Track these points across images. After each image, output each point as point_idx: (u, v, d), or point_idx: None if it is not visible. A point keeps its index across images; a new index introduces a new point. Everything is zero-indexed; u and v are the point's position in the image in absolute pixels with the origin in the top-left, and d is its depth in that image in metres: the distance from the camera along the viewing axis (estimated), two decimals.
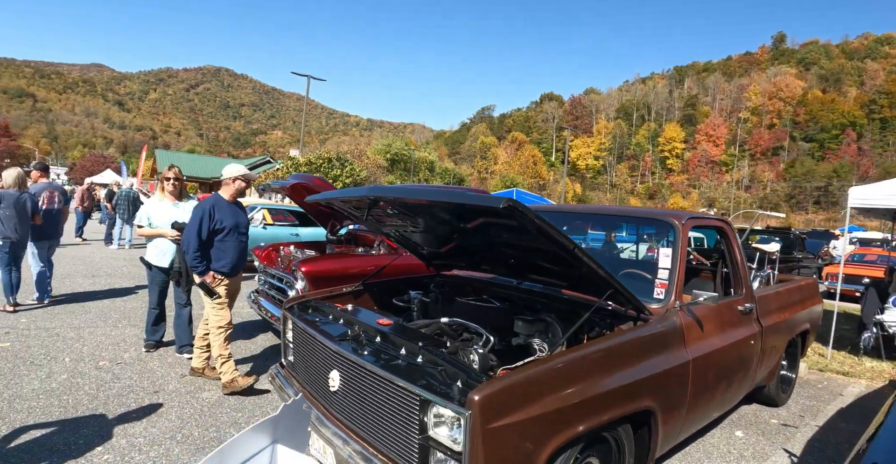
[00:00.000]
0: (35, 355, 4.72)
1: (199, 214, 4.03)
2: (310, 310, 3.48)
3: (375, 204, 3.15)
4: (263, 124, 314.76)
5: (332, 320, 3.16)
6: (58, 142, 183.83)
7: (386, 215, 3.52)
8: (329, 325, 3.11)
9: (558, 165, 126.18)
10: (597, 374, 2.54)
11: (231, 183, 4.24)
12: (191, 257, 4.02)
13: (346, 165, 23.60)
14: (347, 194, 3.36)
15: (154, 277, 5.01)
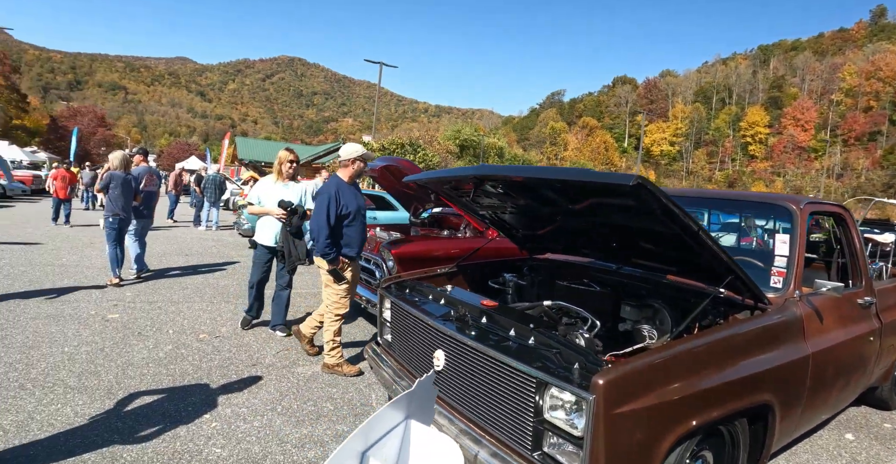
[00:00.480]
0: (142, 326, 4.99)
1: (325, 200, 3.92)
2: (407, 290, 3.45)
3: (480, 184, 3.06)
4: (334, 112, 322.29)
5: (433, 300, 3.11)
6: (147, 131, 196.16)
7: (486, 196, 3.43)
8: (430, 304, 3.07)
9: (631, 151, 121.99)
10: (717, 364, 2.37)
11: (350, 164, 4.12)
12: (322, 244, 3.91)
13: (418, 150, 23.76)
14: (453, 174, 3.27)
15: (259, 256, 5.05)
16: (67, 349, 4.21)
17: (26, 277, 6.61)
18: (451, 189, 3.61)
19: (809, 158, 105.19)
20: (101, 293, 6.12)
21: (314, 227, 3.95)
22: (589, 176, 2.19)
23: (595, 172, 2.22)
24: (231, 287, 6.99)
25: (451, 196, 3.73)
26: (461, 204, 3.81)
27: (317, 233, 3.92)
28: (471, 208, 3.84)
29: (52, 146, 54.98)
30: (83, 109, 73.74)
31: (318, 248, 3.97)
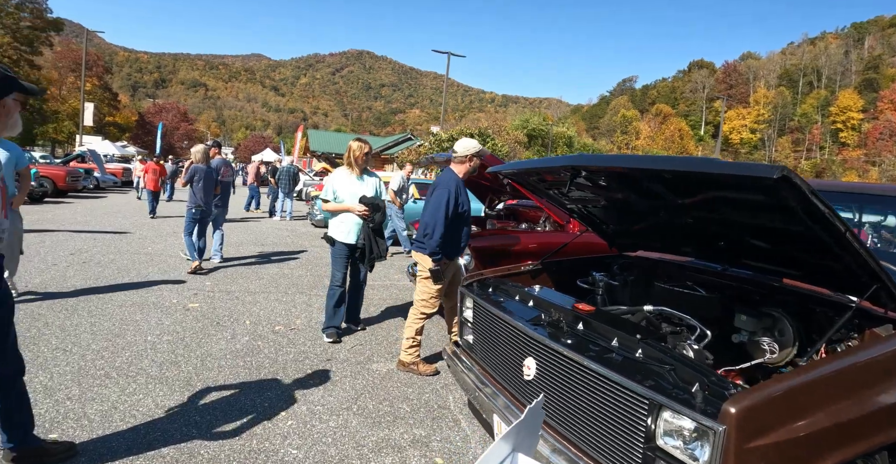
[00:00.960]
0: (220, 316, 5.03)
1: (444, 196, 3.78)
2: (490, 289, 3.22)
3: (577, 175, 2.77)
4: (402, 103, 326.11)
5: (520, 301, 2.87)
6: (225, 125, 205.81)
7: (577, 189, 3.14)
8: (517, 306, 2.83)
9: (708, 140, 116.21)
10: (863, 390, 1.99)
11: (467, 161, 3.99)
12: (434, 242, 3.78)
13: (487, 140, 23.44)
14: (547, 164, 2.99)
15: (339, 254, 4.67)
16: (150, 338, 4.28)
17: (115, 266, 6.88)
18: (539, 180, 3.34)
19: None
20: (182, 282, 6.27)
21: (430, 222, 3.79)
22: (719, 168, 1.86)
23: (725, 162, 1.89)
24: (305, 278, 7.02)
25: (536, 188, 3.46)
26: (548, 196, 3.53)
27: (432, 229, 3.77)
28: (558, 201, 3.56)
29: (140, 141, 58.60)
30: (167, 106, 78.23)
31: (430, 245, 3.81)
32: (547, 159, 2.89)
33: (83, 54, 40.23)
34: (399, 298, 6.35)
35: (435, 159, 5.38)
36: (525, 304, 2.83)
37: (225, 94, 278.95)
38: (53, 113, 49.35)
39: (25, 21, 43.68)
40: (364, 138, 4.71)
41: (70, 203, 15.22)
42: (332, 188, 4.60)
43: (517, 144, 29.32)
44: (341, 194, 4.59)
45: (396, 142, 41.90)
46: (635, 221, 3.41)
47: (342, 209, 4.56)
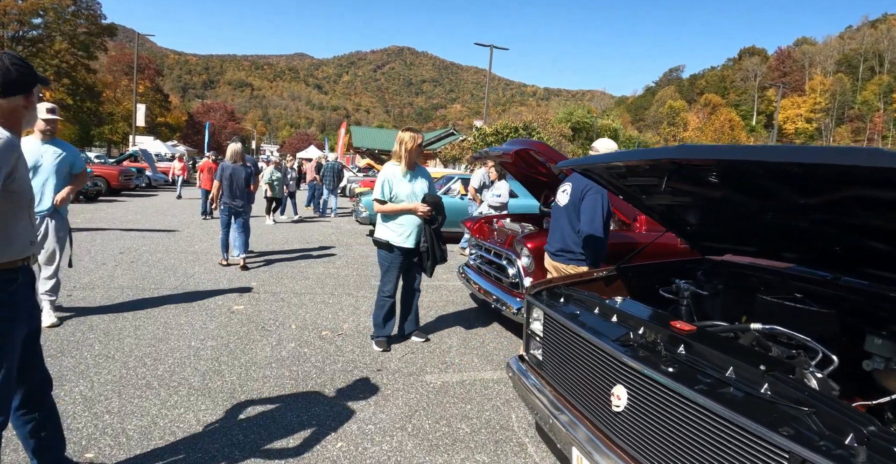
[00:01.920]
0: (265, 319, 4.82)
1: (599, 201, 3.70)
2: (562, 299, 2.85)
3: (676, 169, 2.37)
4: (443, 99, 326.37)
5: (601, 316, 2.49)
6: (270, 123, 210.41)
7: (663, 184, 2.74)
8: (598, 322, 2.45)
9: (760, 130, 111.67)
10: None
11: None
12: (599, 255, 3.75)
13: (532, 133, 22.88)
14: (639, 157, 2.58)
15: (393, 261, 4.22)
16: (194, 344, 4.09)
17: (162, 265, 6.81)
18: (616, 176, 2.94)
19: None
20: (227, 282, 6.13)
21: (589, 231, 3.70)
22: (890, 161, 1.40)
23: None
24: (351, 278, 6.79)
25: (613, 184, 3.06)
26: (625, 194, 3.13)
27: (594, 239, 3.73)
28: (636, 199, 3.15)
29: (189, 140, 60.29)
30: (215, 106, 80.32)
31: (595, 257, 3.79)
32: (641, 151, 2.49)
33: (135, 57, 41.46)
34: (450, 300, 6.04)
35: (490, 154, 5.02)
36: (607, 319, 2.45)
37: (270, 93, 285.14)
38: (109, 115, 51.21)
39: (82, 27, 45.35)
40: (416, 129, 4.30)
41: (122, 202, 15.56)
42: (386, 187, 4.14)
43: (562, 138, 28.53)
44: (401, 194, 4.18)
45: (439, 137, 41.62)
46: (729, 221, 2.99)
47: (403, 210, 4.14)
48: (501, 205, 7.76)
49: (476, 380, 3.81)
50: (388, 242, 4.17)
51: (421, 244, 4.20)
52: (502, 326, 5.15)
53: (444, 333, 4.82)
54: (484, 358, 4.27)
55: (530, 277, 4.49)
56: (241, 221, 7.10)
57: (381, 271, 4.29)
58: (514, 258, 4.67)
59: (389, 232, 4.19)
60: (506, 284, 4.88)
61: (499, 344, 4.66)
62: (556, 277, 3.15)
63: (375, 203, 4.20)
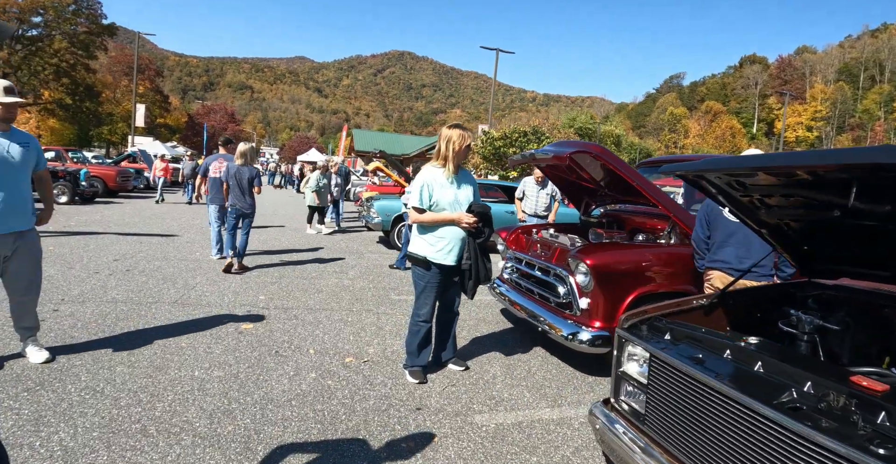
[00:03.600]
0: (278, 342, 4.21)
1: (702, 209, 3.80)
2: (668, 335, 2.27)
3: (811, 177, 1.79)
4: (443, 103, 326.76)
5: (738, 361, 1.91)
6: (270, 126, 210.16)
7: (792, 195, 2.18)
8: (736, 370, 1.87)
9: (760, 138, 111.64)
10: None
11: None
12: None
13: (542, 138, 22.31)
14: (837, 159, 1.98)
15: (431, 280, 3.61)
16: (198, 374, 3.48)
17: (160, 274, 6.20)
18: (739, 185, 2.36)
19: None
20: (232, 294, 5.53)
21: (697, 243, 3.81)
22: None
23: None
24: (368, 291, 6.18)
25: (728, 195, 2.48)
26: (741, 206, 2.55)
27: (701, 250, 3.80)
28: (752, 213, 2.58)
29: (189, 141, 59.68)
30: (216, 107, 79.84)
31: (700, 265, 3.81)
32: (782, 155, 1.93)
33: (135, 57, 40.86)
34: (481, 318, 5.44)
35: (536, 156, 4.42)
36: (747, 366, 1.87)
37: (270, 96, 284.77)
38: (108, 115, 50.55)
39: (82, 26, 44.72)
40: (464, 126, 3.63)
41: (120, 203, 14.94)
42: (426, 193, 3.51)
43: None
44: (443, 202, 3.55)
45: None
46: (860, 239, 2.41)
47: (445, 220, 3.54)
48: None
49: (534, 421, 3.21)
50: (426, 258, 3.55)
51: (463, 261, 3.59)
52: (546, 351, 4.55)
53: (484, 360, 4.22)
54: (535, 391, 3.67)
55: (586, 296, 3.90)
56: (248, 222, 6.83)
57: (416, 292, 3.67)
58: (566, 275, 4.07)
59: (427, 246, 3.57)
60: (553, 303, 4.29)
61: (547, 372, 4.06)
62: (651, 308, 2.56)
63: (412, 212, 3.58)
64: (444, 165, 3.57)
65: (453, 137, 3.49)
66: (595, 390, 3.80)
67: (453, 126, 3.55)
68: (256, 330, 4.46)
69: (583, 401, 3.60)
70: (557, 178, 5.49)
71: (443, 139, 3.52)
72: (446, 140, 3.50)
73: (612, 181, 4.71)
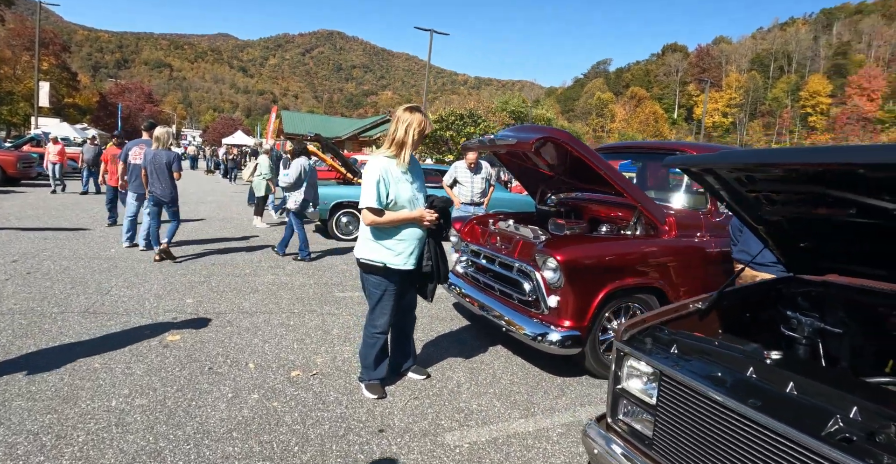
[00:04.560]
0: (212, 356, 3.70)
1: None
2: (675, 348, 2.01)
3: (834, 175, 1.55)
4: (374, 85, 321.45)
5: (764, 381, 1.68)
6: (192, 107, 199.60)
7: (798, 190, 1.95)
8: (766, 392, 1.64)
9: (681, 123, 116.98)
10: None
11: None
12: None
13: (479, 122, 22.03)
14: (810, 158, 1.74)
15: (389, 288, 3.15)
16: (116, 403, 2.94)
17: (68, 277, 5.45)
18: (746, 178, 2.11)
19: (876, 129, 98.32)
20: (154, 298, 4.90)
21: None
22: None
23: None
24: (310, 288, 5.69)
25: (730, 190, 2.23)
26: (743, 202, 2.31)
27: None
28: (753, 209, 2.35)
29: (101, 123, 55.40)
30: (131, 86, 74.45)
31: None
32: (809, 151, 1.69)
33: (37, 30, 37.15)
34: (434, 315, 5.09)
35: (496, 141, 4.07)
36: (779, 388, 1.64)
37: (191, 75, 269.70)
38: (8, 94, 46.03)
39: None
40: (422, 109, 3.18)
41: (21, 193, 13.44)
42: (383, 189, 2.99)
43: (503, 126, 27.82)
44: (401, 198, 3.06)
45: (375, 124, 40.16)
46: (855, 236, 2.26)
47: (406, 219, 3.10)
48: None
49: (510, 436, 2.91)
50: (385, 264, 3.10)
51: (424, 263, 3.22)
52: (508, 350, 4.28)
53: (445, 365, 3.88)
54: (505, 399, 3.38)
55: (555, 294, 3.62)
56: (172, 211, 6.61)
57: (371, 301, 3.22)
58: (531, 271, 3.78)
59: (384, 252, 3.11)
60: (517, 301, 4.00)
61: (513, 376, 3.78)
62: (649, 316, 2.28)
63: (367, 214, 3.05)
64: (397, 154, 3.11)
65: (414, 122, 3.06)
66: (566, 394, 3.55)
67: (413, 109, 3.11)
68: (185, 342, 3.91)
69: (556, 407, 3.35)
70: (514, 165, 5.17)
71: (401, 123, 3.07)
72: (406, 125, 3.06)
73: (574, 169, 4.44)
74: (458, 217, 5.00)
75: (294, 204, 7.02)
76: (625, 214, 4.59)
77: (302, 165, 7.01)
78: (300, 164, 7.01)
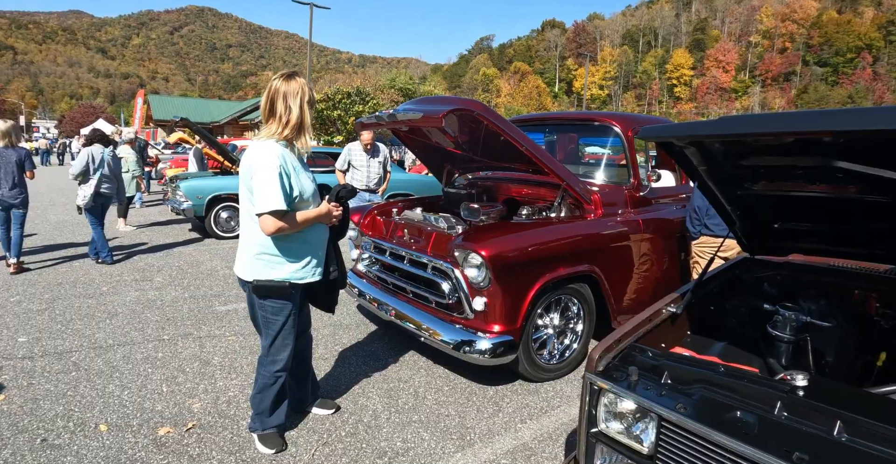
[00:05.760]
0: (48, 418, 2.78)
1: None
2: (667, 379, 1.55)
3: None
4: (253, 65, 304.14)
5: (797, 421, 1.27)
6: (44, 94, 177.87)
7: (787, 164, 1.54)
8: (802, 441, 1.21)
9: (562, 96, 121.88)
10: None
11: None
12: None
13: (367, 100, 20.99)
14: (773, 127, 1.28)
15: (293, 310, 2.46)
16: None
17: None
18: (732, 154, 1.66)
19: (731, 98, 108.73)
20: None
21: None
22: None
23: None
24: (183, 304, 4.75)
25: (711, 165, 1.77)
26: (722, 179, 1.86)
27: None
28: (732, 186, 1.92)
29: None
30: None
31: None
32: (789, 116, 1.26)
33: None
34: (343, 324, 4.40)
35: (396, 117, 3.39)
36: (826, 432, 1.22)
37: (39, 58, 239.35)
38: None
39: None
40: (297, 73, 2.39)
41: None
42: (285, 182, 2.25)
43: (393, 104, 26.93)
44: (304, 191, 2.35)
45: (256, 106, 37.69)
46: (829, 213, 1.94)
47: (314, 219, 2.40)
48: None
49: None
50: (289, 282, 2.39)
51: (331, 271, 2.54)
52: (427, 358, 3.71)
53: (357, 390, 3.24)
54: (434, 427, 2.81)
55: (481, 295, 3.08)
56: (20, 214, 5.68)
57: (270, 333, 2.46)
58: (450, 269, 3.21)
59: (286, 266, 2.37)
60: (434, 305, 3.43)
61: (438, 393, 3.22)
62: (622, 332, 1.78)
63: (268, 220, 2.22)
64: (295, 138, 2.38)
65: (303, 93, 2.33)
66: (502, 409, 3.05)
67: (290, 76, 2.35)
68: (10, 402, 2.94)
69: (493, 429, 2.83)
70: (415, 142, 4.54)
71: (290, 98, 2.30)
72: (297, 98, 2.31)
73: (487, 144, 3.89)
74: (353, 207, 4.29)
75: (83, 199, 6.00)
76: (544, 193, 4.13)
77: (91, 153, 6.06)
78: (89, 152, 6.07)
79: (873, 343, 2.21)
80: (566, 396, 3.28)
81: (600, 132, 4.45)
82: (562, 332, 3.58)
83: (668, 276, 4.23)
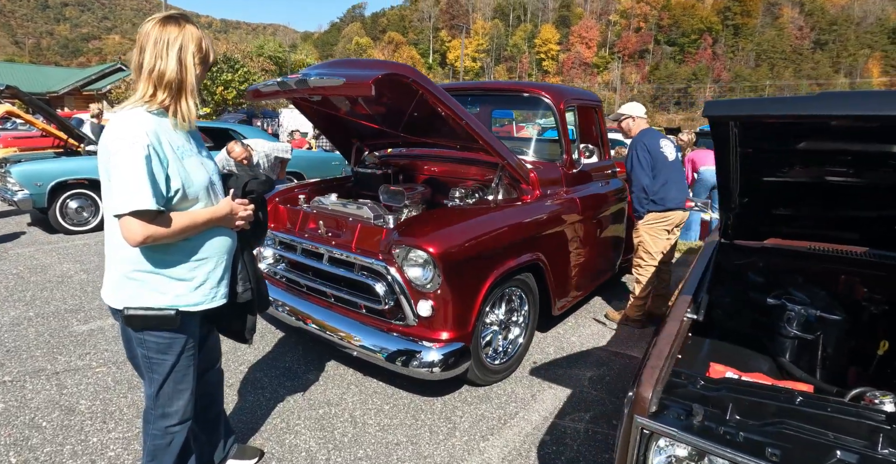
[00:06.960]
0: None
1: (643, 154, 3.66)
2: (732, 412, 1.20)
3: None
4: (95, 28, 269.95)
5: None
6: None
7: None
8: None
9: (436, 67, 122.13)
10: None
11: None
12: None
13: (237, 68, 19.04)
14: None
15: (186, 346, 1.76)
16: None
17: None
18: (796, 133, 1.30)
19: (594, 73, 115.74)
20: None
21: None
22: None
23: None
24: (28, 326, 3.74)
25: (749, 145, 1.40)
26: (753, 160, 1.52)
27: None
28: (758, 170, 1.59)
29: None
30: None
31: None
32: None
33: None
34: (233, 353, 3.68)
35: (308, 82, 2.70)
36: None
37: None
38: None
39: None
40: (188, 18, 1.68)
41: None
42: (160, 171, 1.56)
43: (265, 73, 24.77)
44: (193, 183, 1.66)
45: (103, 73, 33.23)
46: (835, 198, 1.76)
47: (209, 222, 1.70)
48: None
49: None
50: (178, 309, 1.68)
51: (240, 290, 1.88)
52: (358, 372, 3.16)
53: (281, 426, 2.62)
54: (383, 462, 2.31)
55: (427, 299, 2.58)
56: None
57: (157, 378, 1.75)
58: (384, 268, 2.66)
59: (172, 286, 1.68)
60: (364, 311, 2.88)
61: (380, 415, 2.71)
62: (658, 355, 1.38)
63: (134, 225, 1.50)
64: (173, 106, 1.65)
65: (190, 43, 1.62)
66: (457, 425, 2.63)
67: (178, 20, 1.62)
68: None
69: (456, 455, 2.40)
70: (318, 114, 3.85)
71: (169, 48, 1.58)
72: (178, 49, 1.60)
73: (413, 118, 3.33)
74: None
75: None
76: (472, 172, 3.68)
77: None
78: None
79: (867, 330, 2.07)
80: (520, 398, 2.93)
81: (529, 104, 4.08)
82: (506, 327, 3.21)
83: (605, 255, 4.03)
